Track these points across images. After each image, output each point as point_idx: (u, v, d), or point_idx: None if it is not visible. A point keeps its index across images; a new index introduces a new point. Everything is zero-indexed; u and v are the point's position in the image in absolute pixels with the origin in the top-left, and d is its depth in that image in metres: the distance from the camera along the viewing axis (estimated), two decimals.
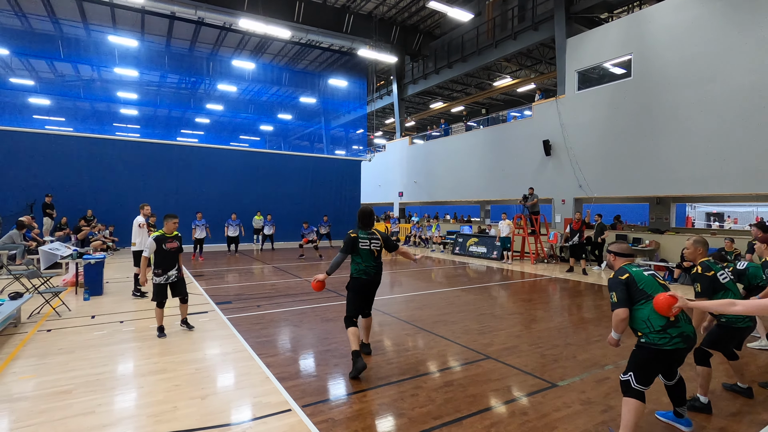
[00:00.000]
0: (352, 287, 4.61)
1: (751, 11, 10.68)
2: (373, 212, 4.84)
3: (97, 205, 15.22)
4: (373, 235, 4.62)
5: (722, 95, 11.26)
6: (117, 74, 19.62)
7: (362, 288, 4.58)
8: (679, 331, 2.91)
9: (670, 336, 2.89)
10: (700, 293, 3.61)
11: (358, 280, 4.55)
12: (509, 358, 4.86)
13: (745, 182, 10.96)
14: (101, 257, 8.27)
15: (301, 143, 29.17)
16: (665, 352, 2.91)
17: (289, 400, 3.70)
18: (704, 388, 3.61)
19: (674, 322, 2.91)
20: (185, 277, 6.20)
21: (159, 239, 5.58)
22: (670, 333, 2.90)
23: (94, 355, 4.76)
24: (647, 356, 2.96)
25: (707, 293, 3.58)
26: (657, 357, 2.93)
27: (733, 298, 3.62)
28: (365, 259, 4.54)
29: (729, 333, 3.68)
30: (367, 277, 4.54)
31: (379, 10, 20.79)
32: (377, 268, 4.61)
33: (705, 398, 3.59)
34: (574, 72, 15.21)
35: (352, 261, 4.62)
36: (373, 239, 4.59)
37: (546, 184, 16.11)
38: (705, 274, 3.61)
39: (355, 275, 4.57)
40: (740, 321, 3.61)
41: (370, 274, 4.56)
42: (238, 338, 5.46)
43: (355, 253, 4.54)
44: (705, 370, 3.62)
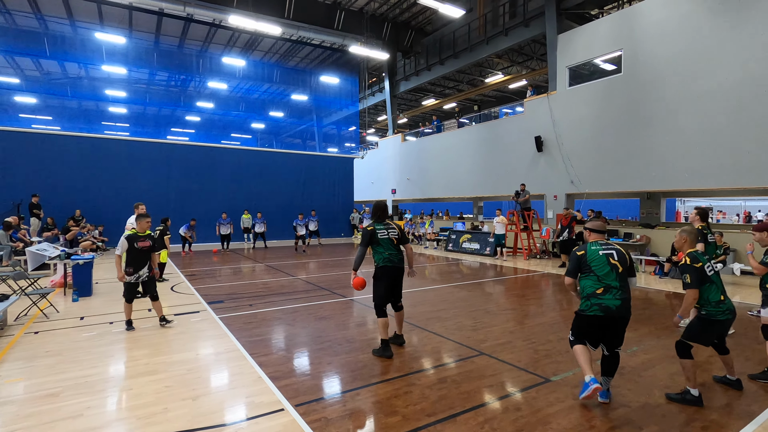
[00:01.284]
0: (380, 276, 4.83)
1: (738, 7, 10.78)
2: (387, 206, 5.18)
3: (85, 204, 15.00)
4: (389, 225, 4.95)
5: (710, 91, 11.36)
6: (105, 72, 19.34)
7: (390, 275, 4.82)
8: (598, 302, 3.51)
9: (590, 304, 3.55)
10: (690, 284, 3.64)
11: (385, 268, 4.80)
12: (503, 353, 4.86)
13: (733, 177, 11.08)
14: (90, 258, 8.16)
15: (294, 141, 29.01)
16: (586, 317, 3.57)
17: (282, 399, 3.66)
18: (692, 381, 3.62)
19: (600, 294, 3.53)
20: (177, 276, 6.14)
21: (131, 238, 5.71)
22: (591, 302, 3.55)
23: (82, 357, 4.69)
24: (577, 321, 3.71)
25: (697, 284, 3.62)
26: (581, 321, 3.64)
27: (718, 292, 3.67)
28: (387, 247, 4.82)
29: (710, 326, 3.69)
30: (393, 264, 4.81)
31: (371, 6, 20.68)
32: (400, 256, 4.89)
33: (696, 390, 3.61)
34: (565, 68, 15.26)
35: (375, 252, 4.88)
36: (390, 228, 4.92)
37: (538, 180, 16.18)
38: (693, 265, 3.65)
39: (381, 264, 4.82)
40: (720, 313, 3.65)
41: (395, 260, 4.82)
42: (230, 338, 5.41)
43: (375, 244, 4.82)
44: (688, 362, 3.62)
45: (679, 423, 3.30)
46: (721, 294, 3.68)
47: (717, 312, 3.64)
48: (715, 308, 3.64)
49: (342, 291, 8.58)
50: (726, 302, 3.67)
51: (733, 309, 3.70)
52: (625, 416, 3.40)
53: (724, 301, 3.66)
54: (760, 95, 10.44)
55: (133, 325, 5.79)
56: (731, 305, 3.69)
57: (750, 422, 3.32)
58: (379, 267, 4.85)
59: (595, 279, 3.59)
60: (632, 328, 5.90)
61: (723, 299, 3.66)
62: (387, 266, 4.80)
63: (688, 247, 3.85)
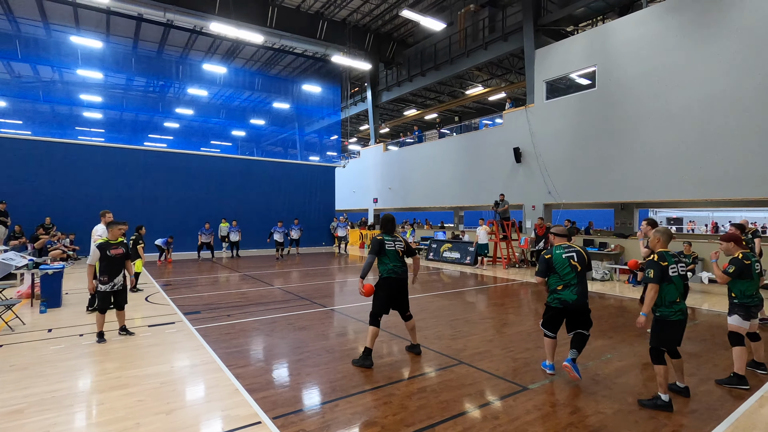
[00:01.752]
0: (382, 287, 4.93)
1: (703, 27, 11.35)
2: (394, 219, 5.27)
3: (56, 212, 14.48)
4: (396, 238, 5.10)
5: (679, 107, 11.87)
6: (80, 76, 18.86)
7: (393, 286, 4.93)
8: (558, 296, 4.31)
9: (553, 298, 4.37)
10: (651, 279, 3.80)
11: (389, 280, 4.91)
12: (482, 362, 4.90)
13: (701, 189, 11.56)
14: (60, 267, 7.87)
15: (275, 149, 28.82)
16: (551, 308, 4.39)
17: (259, 412, 3.60)
18: (663, 387, 3.74)
19: (560, 290, 4.31)
20: (153, 286, 6.01)
21: (103, 246, 5.58)
22: (553, 296, 4.37)
23: (50, 371, 4.50)
24: (545, 311, 4.49)
25: (657, 280, 3.79)
26: (547, 311, 4.45)
27: (675, 292, 3.82)
28: (392, 259, 4.94)
29: (665, 326, 3.82)
30: (396, 275, 4.92)
31: (353, 17, 20.90)
32: (404, 268, 5.03)
33: (666, 396, 3.72)
34: (542, 82, 15.71)
35: (380, 263, 4.98)
36: (397, 241, 5.06)
37: (517, 191, 16.50)
38: (659, 263, 3.82)
39: (385, 275, 4.92)
40: (673, 314, 3.79)
41: (398, 272, 4.94)
42: (207, 349, 5.29)
43: (382, 254, 4.94)
44: (661, 368, 3.74)
45: (650, 428, 3.39)
46: (678, 297, 3.84)
47: (670, 312, 3.79)
48: (669, 308, 3.79)
49: (322, 301, 8.51)
50: (680, 304, 3.83)
51: (686, 311, 3.85)
52: (599, 423, 3.47)
53: (678, 303, 3.81)
54: (726, 111, 10.97)
55: (105, 337, 5.61)
56: (684, 308, 3.84)
57: (717, 426, 3.44)
58: (383, 278, 4.93)
59: (557, 278, 4.35)
60: (606, 335, 6.05)
61: (678, 301, 3.82)
62: (390, 278, 4.90)
63: (660, 246, 4.02)
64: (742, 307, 4.32)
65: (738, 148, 10.81)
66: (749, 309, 4.32)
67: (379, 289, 4.94)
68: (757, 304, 4.37)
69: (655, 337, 3.84)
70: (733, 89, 10.85)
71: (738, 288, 4.35)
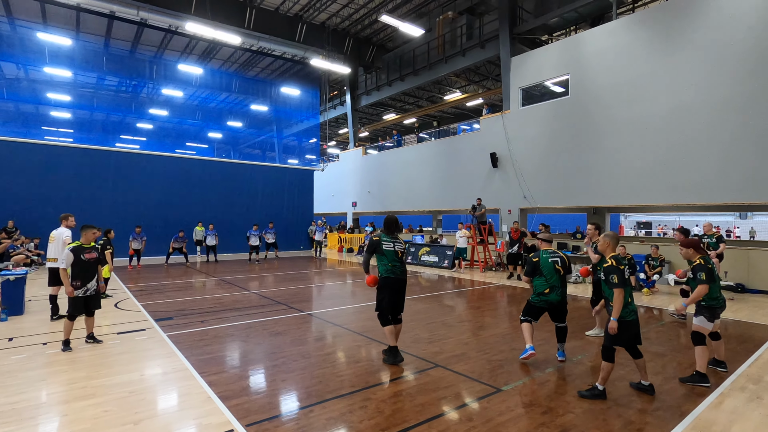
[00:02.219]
0: (383, 286, 5.02)
1: (670, 39, 11.87)
2: (398, 220, 5.36)
3: (20, 215, 13.88)
4: (396, 239, 5.16)
5: (647, 116, 12.35)
6: (47, 74, 18.17)
7: (394, 286, 5.02)
8: (545, 299, 4.94)
9: (539, 300, 4.98)
10: (617, 284, 3.97)
11: (388, 279, 5.00)
12: (457, 365, 4.95)
13: (669, 194, 12.03)
14: (22, 273, 7.54)
15: (253, 152, 28.43)
16: (535, 307, 5.00)
17: (232, 419, 3.53)
18: (604, 380, 4.02)
19: (547, 293, 4.93)
20: (123, 291, 5.82)
21: (76, 250, 5.41)
22: (540, 297, 4.98)
23: (10, 382, 4.30)
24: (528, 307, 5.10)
25: (623, 284, 3.98)
26: (531, 308, 5.05)
27: (629, 293, 4.06)
28: (391, 258, 5.01)
29: (623, 327, 3.98)
30: (396, 275, 5.01)
31: (333, 21, 20.90)
32: (403, 268, 5.11)
33: (602, 386, 4.01)
34: (518, 89, 16.07)
35: (379, 262, 5.05)
36: (397, 243, 5.12)
37: (493, 195, 16.78)
38: (619, 267, 4.03)
39: (384, 275, 5.01)
40: (628, 314, 4.00)
41: (397, 272, 5.03)
42: (179, 356, 5.16)
43: (380, 254, 5.01)
44: (609, 365, 3.99)
45: (618, 426, 3.50)
46: (629, 297, 4.07)
47: (627, 313, 4.00)
48: (626, 309, 4.00)
49: (299, 305, 8.43)
50: (632, 305, 4.07)
51: (637, 311, 4.10)
52: (570, 422, 3.56)
53: (631, 303, 4.05)
54: (692, 120, 11.48)
55: (71, 345, 5.39)
56: (635, 308, 4.09)
57: (681, 422, 3.58)
58: (382, 277, 5.02)
59: (544, 280, 4.94)
60: (578, 337, 6.21)
61: (630, 301, 4.06)
62: (390, 277, 4.98)
63: (610, 250, 4.24)
64: (708, 309, 4.50)
65: (703, 156, 11.31)
66: (715, 310, 4.52)
67: (379, 289, 5.05)
68: (721, 306, 4.57)
69: (613, 338, 4.00)
70: (698, 100, 11.37)
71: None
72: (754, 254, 10.48)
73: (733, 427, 3.51)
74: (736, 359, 5.25)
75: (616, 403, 3.93)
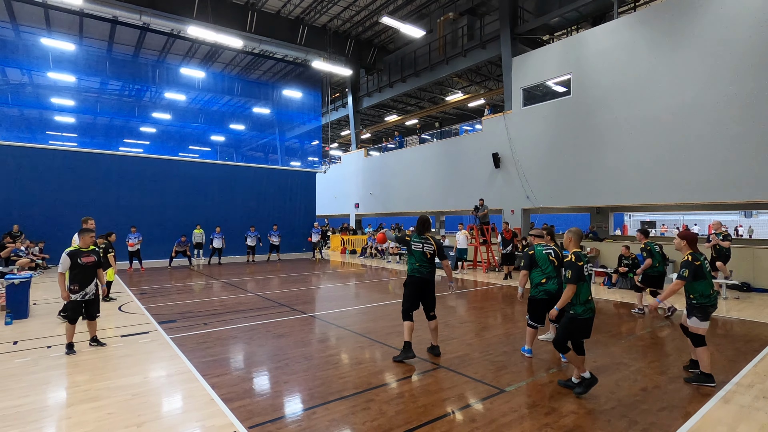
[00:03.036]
0: (408, 284, 5.22)
1: (671, 38, 11.82)
2: (429, 220, 5.44)
3: (25, 219, 13.96)
4: (426, 240, 5.23)
5: (649, 115, 12.29)
6: (51, 79, 18.32)
7: (417, 284, 5.17)
8: (543, 288, 5.03)
9: (539, 291, 5.04)
10: (570, 280, 4.07)
11: (413, 278, 5.19)
12: (460, 366, 4.94)
13: (673, 193, 11.96)
14: (27, 277, 7.58)
15: (255, 154, 28.51)
16: (537, 300, 5.08)
17: (235, 421, 3.53)
18: (580, 368, 4.09)
19: (544, 283, 5.03)
20: (126, 294, 5.84)
21: (73, 254, 5.41)
22: (538, 288, 5.05)
23: (14, 386, 4.32)
24: (531, 305, 5.19)
25: (575, 280, 4.05)
26: (534, 304, 5.13)
27: (588, 290, 4.12)
28: (418, 259, 5.17)
29: (577, 323, 4.09)
30: (420, 275, 5.15)
31: (334, 23, 20.96)
32: (430, 269, 5.21)
33: (587, 373, 4.07)
34: (519, 89, 16.04)
35: (408, 261, 5.30)
36: (426, 243, 5.20)
37: (496, 195, 16.75)
38: (576, 263, 4.10)
39: (410, 273, 5.22)
40: (586, 311, 4.07)
41: (423, 273, 5.16)
42: (182, 359, 5.17)
43: (409, 253, 5.26)
44: (570, 354, 4.09)
45: (622, 427, 3.47)
46: (589, 294, 4.11)
47: (584, 310, 4.07)
48: (582, 306, 4.07)
49: (302, 307, 8.43)
50: (591, 302, 4.11)
51: (595, 309, 4.17)
52: (573, 423, 3.54)
53: (590, 301, 4.11)
54: (694, 118, 11.41)
55: (75, 348, 5.41)
56: (594, 306, 4.16)
57: (686, 422, 3.55)
58: (410, 276, 5.23)
59: (540, 271, 5.08)
60: None
61: (590, 299, 4.10)
62: (415, 276, 5.17)
63: (573, 246, 4.29)
64: (700, 309, 4.40)
65: (707, 154, 11.25)
66: (707, 309, 4.39)
67: (405, 286, 5.26)
68: (713, 304, 4.43)
69: (566, 332, 4.10)
70: (700, 97, 11.31)
71: (696, 289, 4.42)
72: (760, 252, 10.41)
73: (739, 427, 3.48)
74: (743, 358, 5.21)
75: (620, 403, 3.91)
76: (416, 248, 5.17)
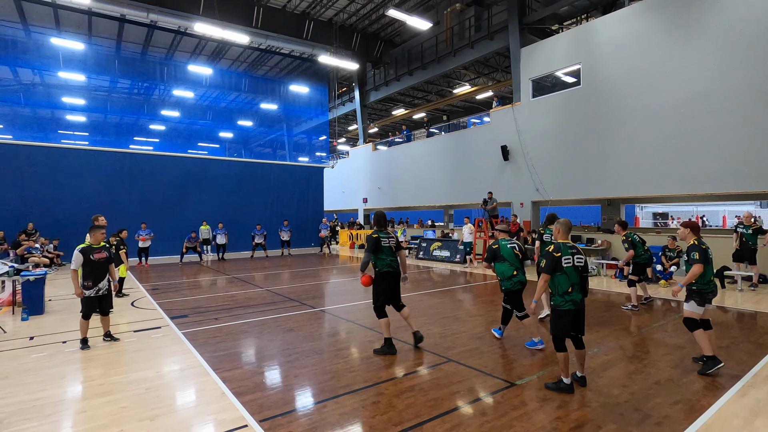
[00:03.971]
0: (381, 280, 5.17)
1: (684, 25, 11.54)
2: (386, 215, 5.62)
3: (40, 217, 14.20)
4: (389, 234, 5.36)
5: (661, 104, 12.04)
6: (62, 78, 18.47)
7: (390, 280, 5.20)
8: (516, 280, 5.33)
9: (512, 283, 5.34)
10: (542, 269, 4.06)
11: (386, 274, 5.16)
12: (470, 359, 4.92)
13: (685, 184, 11.74)
14: (41, 273, 7.71)
15: (263, 150, 28.54)
16: (512, 292, 5.40)
17: (246, 415, 3.56)
18: (565, 372, 3.97)
19: (516, 275, 5.32)
20: (138, 290, 5.91)
21: (85, 251, 5.50)
22: (512, 280, 5.34)
23: (30, 380, 4.40)
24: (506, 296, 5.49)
25: (548, 270, 4.02)
26: (509, 295, 5.46)
27: (567, 282, 3.97)
28: (388, 254, 5.19)
29: (558, 315, 4.00)
30: (392, 269, 5.20)
31: (340, 17, 20.83)
32: (397, 262, 5.29)
33: (568, 379, 3.97)
34: (528, 80, 15.82)
35: (377, 259, 5.16)
36: (390, 237, 5.32)
37: (505, 188, 16.60)
38: (553, 253, 4.04)
39: (382, 270, 5.15)
40: (564, 303, 3.96)
41: (394, 266, 5.21)
42: (194, 353, 5.23)
43: (379, 251, 5.14)
44: (561, 355, 3.96)
45: (635, 420, 3.43)
46: (570, 286, 3.97)
47: (562, 302, 3.97)
48: (561, 298, 3.97)
49: (312, 302, 8.47)
50: (572, 294, 3.96)
51: (578, 301, 3.99)
52: (585, 416, 3.50)
53: (570, 293, 3.96)
54: (708, 108, 11.16)
55: (89, 343, 5.50)
56: (577, 298, 3.98)
57: (701, 416, 3.49)
58: (381, 273, 5.16)
59: (508, 265, 5.34)
60: (593, 330, 6.11)
61: (570, 291, 3.95)
62: (388, 272, 5.15)
63: (561, 237, 4.24)
64: (698, 294, 4.47)
65: (720, 144, 11.00)
66: (705, 295, 4.46)
67: (377, 283, 5.18)
68: (712, 290, 4.49)
69: (553, 326, 4.04)
70: (714, 87, 11.04)
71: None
72: None
73: (756, 421, 3.41)
74: (760, 351, 5.12)
75: (633, 397, 3.86)
76: (385, 244, 5.17)
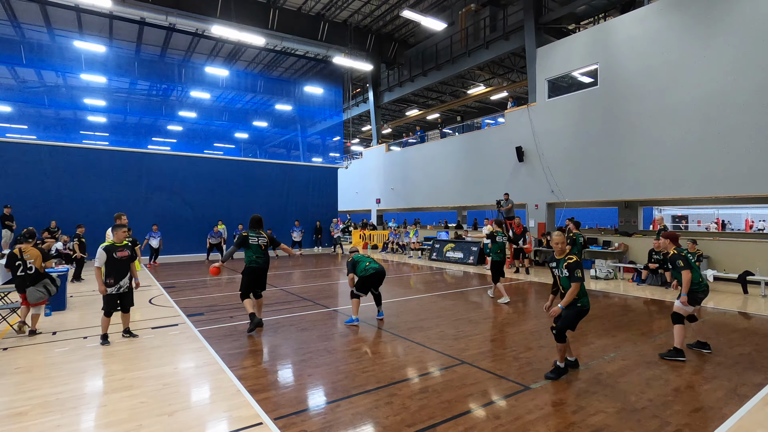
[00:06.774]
0: (247, 273, 6.14)
1: (706, 25, 11.27)
2: (261, 219, 6.45)
3: (62, 215, 14.58)
4: (261, 234, 6.25)
5: (681, 104, 11.78)
6: (84, 80, 18.96)
7: (256, 273, 6.16)
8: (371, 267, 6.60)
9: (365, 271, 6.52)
10: (580, 278, 4.32)
11: (252, 268, 6.13)
12: (484, 362, 4.89)
13: (705, 186, 11.46)
14: (64, 270, 7.93)
15: (278, 151, 28.85)
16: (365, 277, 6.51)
17: (261, 413, 3.61)
18: (561, 359, 4.39)
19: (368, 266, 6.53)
20: (156, 288, 6.05)
21: (109, 249, 5.65)
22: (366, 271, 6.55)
23: (54, 374, 4.54)
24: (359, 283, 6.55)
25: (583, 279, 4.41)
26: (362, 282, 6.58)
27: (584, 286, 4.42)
28: (255, 251, 6.13)
29: (582, 314, 4.39)
30: (258, 265, 6.15)
31: (354, 18, 20.93)
32: (265, 258, 6.25)
33: (561, 363, 4.39)
34: (544, 80, 15.65)
35: (246, 254, 6.13)
36: (261, 237, 6.22)
37: (520, 190, 16.43)
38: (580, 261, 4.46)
39: (250, 264, 6.13)
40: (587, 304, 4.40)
41: (260, 263, 6.17)
42: (210, 351, 5.31)
43: (246, 248, 6.10)
44: (563, 345, 4.36)
45: (653, 427, 3.37)
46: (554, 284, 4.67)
47: (587, 303, 4.40)
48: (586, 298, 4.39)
49: (325, 301, 8.52)
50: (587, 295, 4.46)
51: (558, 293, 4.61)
52: (602, 422, 3.45)
53: (586, 295, 4.43)
54: (730, 108, 10.88)
55: (109, 339, 5.64)
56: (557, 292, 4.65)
57: (721, 424, 3.41)
58: (248, 267, 6.12)
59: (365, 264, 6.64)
60: (610, 334, 6.01)
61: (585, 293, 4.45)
62: (253, 267, 6.12)
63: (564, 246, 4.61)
64: (691, 293, 4.95)
65: (742, 145, 10.71)
66: (696, 295, 4.99)
67: (244, 275, 6.15)
68: (703, 290, 5.03)
69: (570, 322, 4.35)
70: (736, 86, 10.75)
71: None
72: None
73: None
74: None
75: (651, 403, 3.79)
76: (253, 242, 6.09)
